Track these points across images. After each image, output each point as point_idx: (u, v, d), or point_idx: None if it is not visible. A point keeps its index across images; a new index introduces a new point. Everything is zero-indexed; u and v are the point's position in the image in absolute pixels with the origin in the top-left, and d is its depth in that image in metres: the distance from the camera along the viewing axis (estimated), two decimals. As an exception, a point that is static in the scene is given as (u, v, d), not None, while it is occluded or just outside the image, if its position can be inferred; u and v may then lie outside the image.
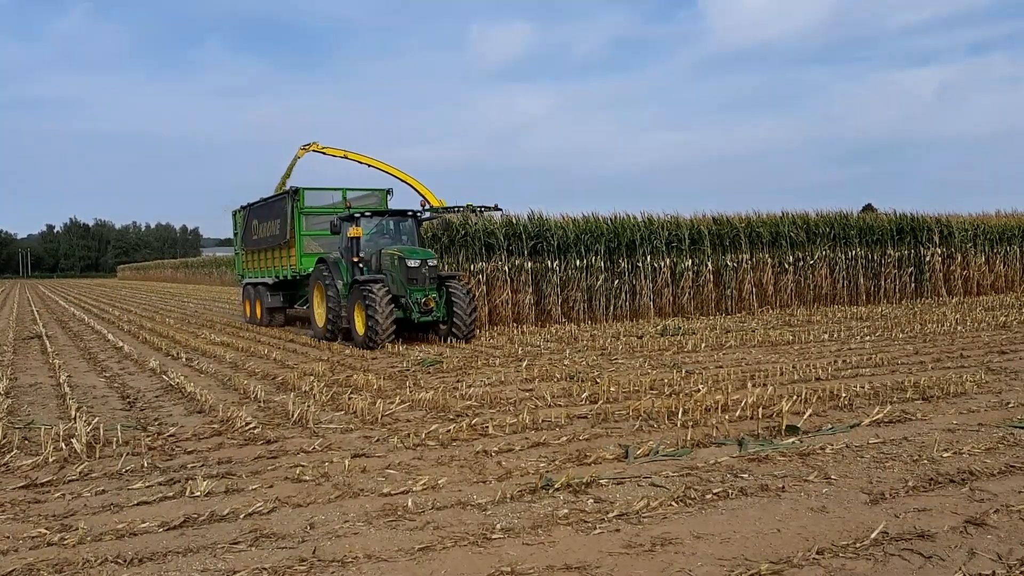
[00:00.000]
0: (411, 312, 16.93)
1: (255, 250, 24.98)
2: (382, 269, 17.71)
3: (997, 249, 28.54)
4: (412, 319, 17.01)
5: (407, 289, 16.93)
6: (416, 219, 19.33)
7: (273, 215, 22.79)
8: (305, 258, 21.29)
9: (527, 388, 11.20)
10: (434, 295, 17.12)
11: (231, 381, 12.47)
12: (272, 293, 23.47)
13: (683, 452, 7.48)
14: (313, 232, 21.70)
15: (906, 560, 4.93)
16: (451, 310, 17.10)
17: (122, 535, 5.65)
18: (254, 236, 24.69)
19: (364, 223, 18.44)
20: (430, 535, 5.51)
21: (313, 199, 21.91)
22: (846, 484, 6.45)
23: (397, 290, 17.04)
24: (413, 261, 16.93)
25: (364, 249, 18.15)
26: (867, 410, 8.99)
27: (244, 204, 25.66)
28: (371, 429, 8.85)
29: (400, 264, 17.03)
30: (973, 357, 12.96)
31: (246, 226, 25.47)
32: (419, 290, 17.01)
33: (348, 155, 26.78)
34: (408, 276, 16.88)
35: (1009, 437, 7.68)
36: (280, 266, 22.78)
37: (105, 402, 11.04)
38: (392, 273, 17.29)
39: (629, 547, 5.24)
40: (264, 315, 23.76)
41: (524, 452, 7.65)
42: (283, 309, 23.84)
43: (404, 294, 16.97)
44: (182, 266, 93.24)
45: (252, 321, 24.76)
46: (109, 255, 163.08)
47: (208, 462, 7.63)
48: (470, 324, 17.14)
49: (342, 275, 18.01)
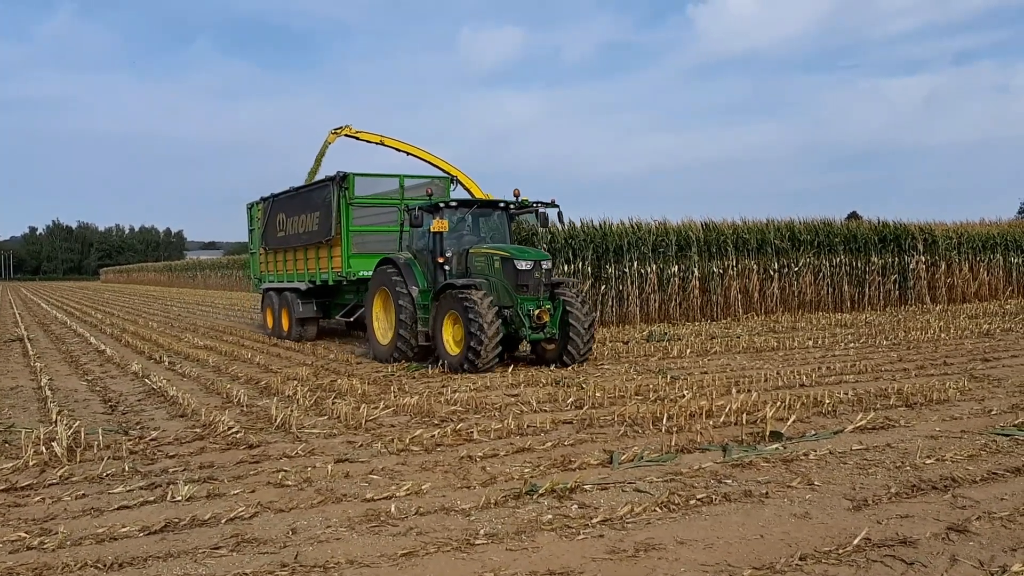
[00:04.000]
0: (518, 327, 13.65)
1: (281, 249, 21.20)
2: (470, 273, 14.38)
3: (981, 257, 28.72)
4: (519, 336, 13.85)
5: (515, 298, 13.58)
6: (508, 212, 15.60)
7: (309, 207, 19.08)
8: (353, 259, 17.80)
9: (512, 393, 11.18)
10: (548, 306, 13.71)
11: (214, 385, 12.39)
12: (304, 301, 19.66)
13: (668, 458, 7.48)
14: (364, 228, 18.20)
15: (888, 567, 4.94)
16: (565, 325, 13.79)
17: (102, 539, 5.60)
18: (280, 233, 20.99)
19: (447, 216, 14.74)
20: (413, 540, 5.49)
21: (364, 187, 18.09)
22: (829, 490, 6.46)
23: (498, 299, 13.65)
24: (524, 263, 13.57)
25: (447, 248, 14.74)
26: (851, 417, 9.02)
27: (264, 196, 22.04)
28: (355, 434, 8.81)
29: (505, 267, 13.69)
30: (956, 364, 13.03)
31: (267, 222, 21.70)
32: (531, 300, 13.62)
33: (384, 140, 23.26)
34: (517, 282, 13.54)
35: (992, 444, 7.71)
36: (318, 269, 19.07)
37: (86, 406, 10.96)
38: (491, 278, 13.88)
39: (613, 553, 5.23)
40: (293, 327, 19.83)
41: (509, 457, 7.64)
42: (316, 320, 20.10)
43: (510, 304, 13.64)
44: (166, 269, 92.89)
45: (276, 334, 20.83)
46: (92, 258, 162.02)
47: (190, 466, 7.57)
48: (588, 343, 13.89)
49: (417, 279, 14.71)
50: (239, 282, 63.50)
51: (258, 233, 22.73)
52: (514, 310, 13.59)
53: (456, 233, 14.94)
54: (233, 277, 66.08)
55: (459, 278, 14.05)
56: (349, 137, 23.53)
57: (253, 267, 24.12)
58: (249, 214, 23.61)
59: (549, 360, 14.05)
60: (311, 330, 19.98)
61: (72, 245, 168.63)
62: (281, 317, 20.61)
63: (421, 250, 15.09)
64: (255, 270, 23.83)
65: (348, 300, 18.99)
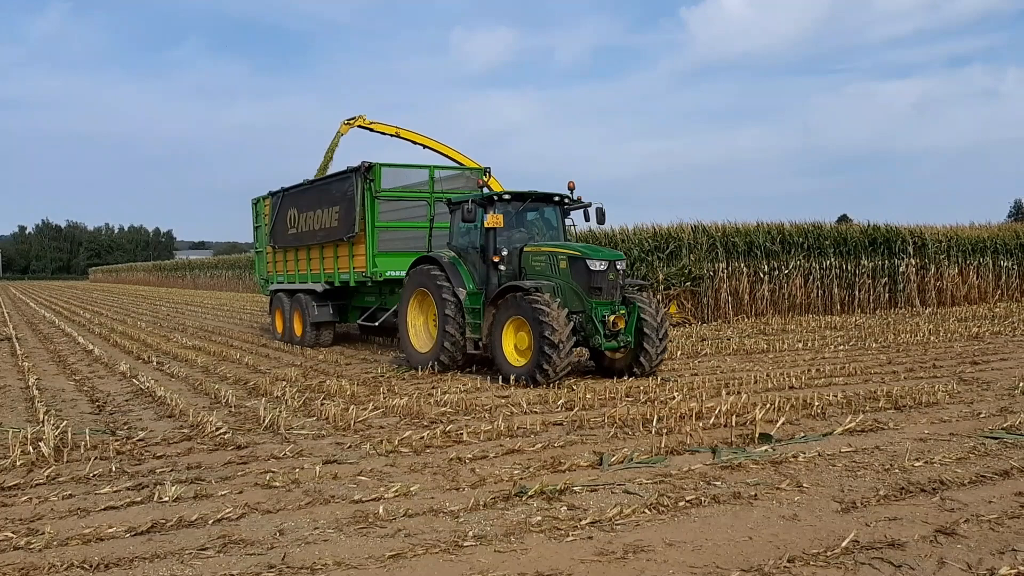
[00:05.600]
0: (590, 335, 12.24)
1: (293, 247, 19.42)
2: (524, 273, 13.04)
3: (970, 260, 28.82)
4: (593, 345, 12.36)
5: (586, 302, 12.27)
6: (562, 207, 14.11)
7: (327, 201, 17.45)
8: (379, 258, 16.23)
9: (503, 395, 11.17)
10: (623, 311, 12.38)
11: (202, 386, 12.34)
12: (320, 304, 18.07)
13: (657, 460, 7.48)
14: (391, 224, 16.58)
15: (876, 569, 4.95)
16: (638, 333, 12.44)
17: (89, 540, 5.57)
18: (291, 230, 19.25)
19: (499, 209, 13.31)
20: (401, 542, 5.47)
21: (390, 179, 16.39)
22: (818, 492, 6.47)
23: (564, 303, 12.24)
24: (598, 263, 12.23)
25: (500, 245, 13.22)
26: (840, 419, 9.04)
27: (273, 190, 20.34)
28: (343, 435, 8.78)
29: (574, 267, 12.35)
30: (945, 367, 13.07)
31: (276, 218, 19.90)
32: (606, 304, 12.26)
33: (400, 132, 21.51)
34: (591, 284, 12.22)
35: (980, 447, 7.74)
36: (336, 269, 17.51)
37: (74, 406, 10.89)
38: (554, 279, 12.52)
39: (601, 554, 5.22)
40: (308, 332, 18.20)
41: (498, 459, 7.62)
42: (332, 324, 18.54)
43: (580, 309, 12.34)
44: (155, 269, 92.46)
45: (287, 340, 19.22)
46: (81, 257, 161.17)
47: (177, 467, 7.53)
48: (662, 352, 12.65)
49: (464, 280, 13.18)
50: (228, 282, 63.34)
51: (265, 230, 21.03)
52: (586, 315, 12.23)
53: (505, 230, 13.38)
54: (222, 277, 65.89)
55: (510, 279, 12.82)
56: (363, 128, 21.82)
57: (259, 267, 22.32)
58: (254, 210, 21.87)
59: (617, 370, 12.72)
60: (327, 335, 18.47)
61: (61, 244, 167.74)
62: (293, 321, 18.93)
63: (466, 248, 13.64)
64: (261, 270, 22.05)
65: (368, 303, 17.52)
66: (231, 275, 63.78)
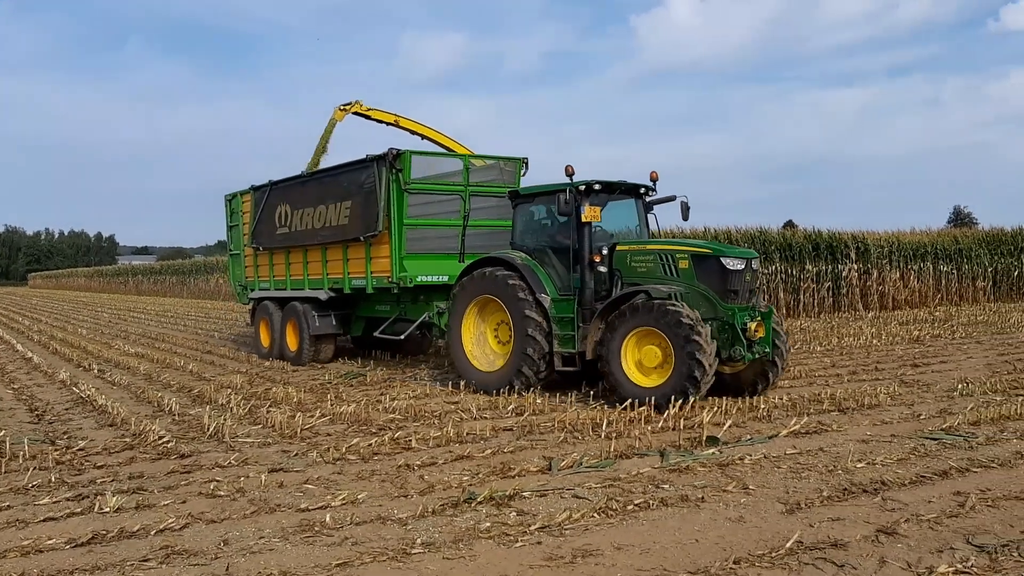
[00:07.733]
0: (726, 347, 10.28)
1: (283, 249, 16.85)
2: (620, 276, 11.13)
3: (911, 265, 29.44)
4: (735, 357, 10.30)
5: (722, 308, 10.36)
6: (644, 200, 12.37)
7: (335, 195, 15.06)
8: (408, 260, 13.82)
9: (452, 400, 11.13)
10: (760, 318, 10.57)
11: (145, 393, 12.10)
12: (322, 314, 15.61)
13: (606, 464, 7.51)
14: (423, 221, 14.22)
15: (819, 569, 5.02)
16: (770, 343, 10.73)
17: (27, 552, 5.45)
18: (281, 229, 16.71)
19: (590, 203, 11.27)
20: (348, 551, 5.42)
21: (420, 168, 14.07)
22: (763, 494, 6.55)
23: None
24: (734, 261, 10.52)
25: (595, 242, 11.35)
26: (785, 421, 9.17)
27: (255, 184, 17.74)
28: (290, 443, 8.68)
29: (702, 267, 10.55)
30: (887, 370, 13.32)
31: (261, 216, 17.33)
32: (744, 310, 10.46)
33: (400, 121, 18.24)
34: (727, 287, 10.42)
35: (920, 448, 7.90)
36: (347, 273, 14.96)
37: (12, 415, 10.62)
38: (672, 283, 10.62)
39: (550, 560, 5.22)
40: (306, 346, 15.72)
41: (448, 465, 7.59)
42: (334, 337, 16.13)
43: (712, 316, 10.31)
44: (96, 275, 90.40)
45: (277, 356, 16.58)
46: (20, 263, 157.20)
47: (119, 477, 7.38)
48: (785, 364, 11.33)
49: (544, 285, 11.32)
50: (172, 288, 62.31)
51: (243, 230, 18.29)
52: (720, 323, 10.33)
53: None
54: (166, 283, 64.78)
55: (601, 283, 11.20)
56: (359, 116, 18.51)
57: (235, 272, 19.35)
58: (228, 207, 18.98)
59: (743, 386, 10.90)
60: (328, 350, 16.03)
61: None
62: (285, 334, 16.34)
63: (542, 247, 11.84)
64: (238, 276, 19.06)
65: (382, 313, 15.28)
66: (175, 281, 62.76)
